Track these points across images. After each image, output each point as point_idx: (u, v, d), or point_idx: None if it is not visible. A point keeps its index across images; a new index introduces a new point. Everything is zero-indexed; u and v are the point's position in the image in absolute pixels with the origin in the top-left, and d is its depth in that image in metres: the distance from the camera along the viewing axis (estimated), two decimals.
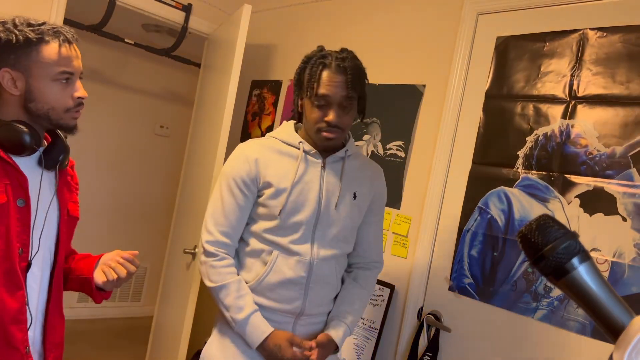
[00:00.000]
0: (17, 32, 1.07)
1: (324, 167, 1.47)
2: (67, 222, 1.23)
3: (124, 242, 4.11)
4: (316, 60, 1.43)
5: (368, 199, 1.55)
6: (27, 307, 1.10)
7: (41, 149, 1.16)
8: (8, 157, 1.08)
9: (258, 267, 1.45)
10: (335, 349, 1.49)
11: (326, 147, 1.46)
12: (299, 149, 1.46)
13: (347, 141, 1.52)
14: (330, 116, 1.38)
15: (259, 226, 1.45)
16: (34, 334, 1.16)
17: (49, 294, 1.20)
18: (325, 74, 1.39)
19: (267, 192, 1.42)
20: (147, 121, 4.16)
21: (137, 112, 4.09)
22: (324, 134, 1.41)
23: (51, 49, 1.10)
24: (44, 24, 1.11)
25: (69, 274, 1.29)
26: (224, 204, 1.45)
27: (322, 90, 1.38)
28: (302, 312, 1.47)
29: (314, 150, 1.46)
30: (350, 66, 1.41)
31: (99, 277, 1.22)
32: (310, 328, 1.52)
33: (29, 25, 1.09)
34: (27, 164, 1.12)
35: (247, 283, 1.45)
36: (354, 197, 1.48)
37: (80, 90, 1.16)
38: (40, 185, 1.14)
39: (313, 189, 1.44)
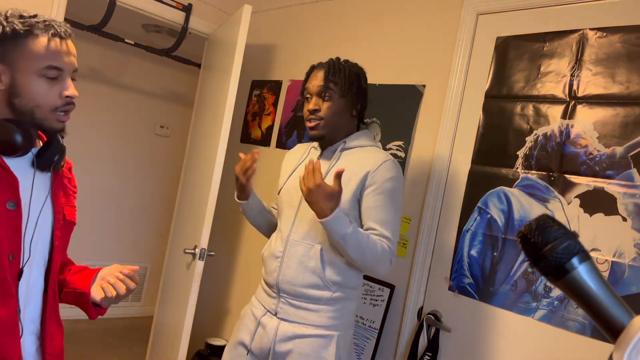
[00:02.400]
0: (6, 24, 1.02)
1: (320, 157, 1.69)
2: (62, 227, 1.17)
3: (124, 242, 4.11)
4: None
5: (355, 183, 1.56)
6: (19, 317, 1.04)
7: (35, 150, 1.10)
8: None
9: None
10: (326, 214, 1.45)
11: (314, 138, 1.67)
12: (312, 146, 1.77)
13: (349, 136, 1.68)
14: (310, 104, 1.63)
15: None
16: (25, 345, 1.09)
17: (44, 302, 1.14)
18: (311, 73, 1.69)
19: (280, 179, 1.79)
20: (147, 121, 4.16)
21: (137, 112, 4.09)
22: (307, 124, 1.65)
23: (39, 43, 1.04)
24: (35, 16, 1.05)
25: (63, 286, 1.22)
26: None
27: (306, 84, 1.67)
28: (278, 287, 1.61)
29: (318, 146, 1.73)
30: (330, 62, 1.65)
31: (96, 293, 1.16)
32: (293, 312, 1.58)
33: (20, 17, 1.04)
34: (19, 165, 1.06)
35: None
36: None
37: (70, 89, 1.08)
38: (32, 188, 1.08)
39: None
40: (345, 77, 1.62)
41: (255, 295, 1.73)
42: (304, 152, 1.77)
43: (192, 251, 2.37)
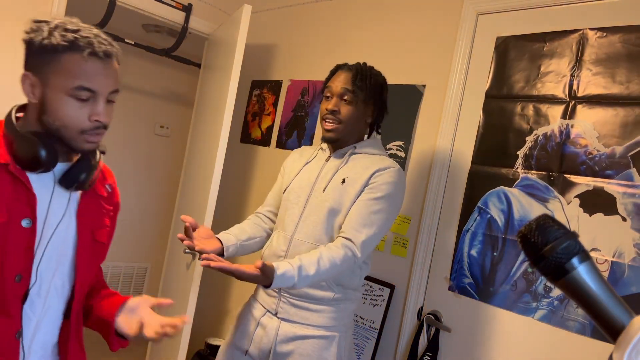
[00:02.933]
0: (46, 35, 0.97)
1: (328, 159, 1.68)
2: (90, 248, 1.10)
3: (124, 242, 4.11)
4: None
5: (360, 184, 1.56)
6: (20, 340, 0.99)
7: (66, 165, 1.05)
8: (19, 171, 0.97)
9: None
10: (269, 283, 1.35)
11: (328, 139, 1.65)
12: (320, 147, 1.75)
13: (360, 142, 1.67)
14: (330, 104, 1.61)
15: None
16: None
17: (67, 327, 1.09)
18: (335, 72, 1.67)
19: (285, 178, 1.77)
20: (147, 121, 4.16)
21: (137, 112, 4.08)
22: (324, 123, 1.63)
23: (73, 61, 0.97)
24: (78, 30, 0.99)
25: (90, 311, 1.16)
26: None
27: (328, 83, 1.66)
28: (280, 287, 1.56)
29: (326, 147, 1.71)
30: (358, 67, 1.64)
31: (126, 326, 1.08)
32: (294, 311, 1.57)
33: (65, 30, 0.98)
34: (43, 181, 1.01)
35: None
36: (343, 181, 1.59)
37: (102, 115, 1.01)
38: (49, 207, 1.02)
39: (312, 175, 1.67)
40: (370, 85, 1.62)
41: (254, 296, 1.72)
42: (312, 152, 1.76)
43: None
